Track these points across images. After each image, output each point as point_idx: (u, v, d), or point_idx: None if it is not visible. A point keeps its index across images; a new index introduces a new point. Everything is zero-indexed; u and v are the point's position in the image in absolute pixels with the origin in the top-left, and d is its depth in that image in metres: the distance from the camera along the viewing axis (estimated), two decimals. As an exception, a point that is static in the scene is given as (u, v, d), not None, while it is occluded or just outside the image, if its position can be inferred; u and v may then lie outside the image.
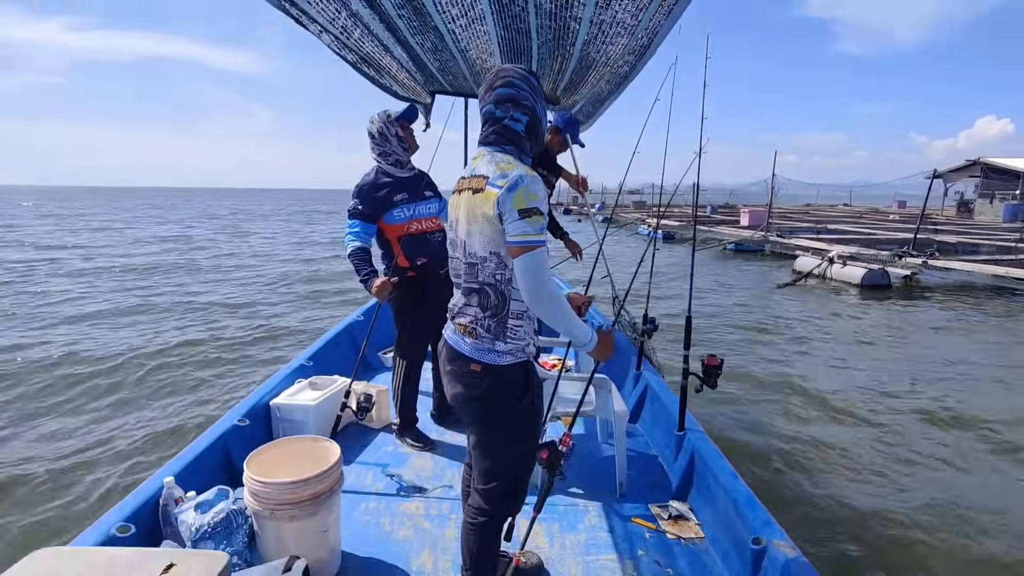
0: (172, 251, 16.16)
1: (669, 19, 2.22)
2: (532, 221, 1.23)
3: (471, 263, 1.35)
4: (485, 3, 1.98)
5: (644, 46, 2.51)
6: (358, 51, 2.54)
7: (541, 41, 2.46)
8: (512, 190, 1.24)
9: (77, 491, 3.20)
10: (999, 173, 25.21)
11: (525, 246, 1.24)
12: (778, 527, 1.68)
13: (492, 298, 1.34)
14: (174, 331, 6.83)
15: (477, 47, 2.46)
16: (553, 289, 1.30)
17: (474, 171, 1.37)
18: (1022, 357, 6.33)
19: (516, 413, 1.40)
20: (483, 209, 1.29)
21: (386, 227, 2.43)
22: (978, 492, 3.34)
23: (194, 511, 1.63)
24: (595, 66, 2.75)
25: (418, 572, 1.78)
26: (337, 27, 2.20)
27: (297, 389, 2.66)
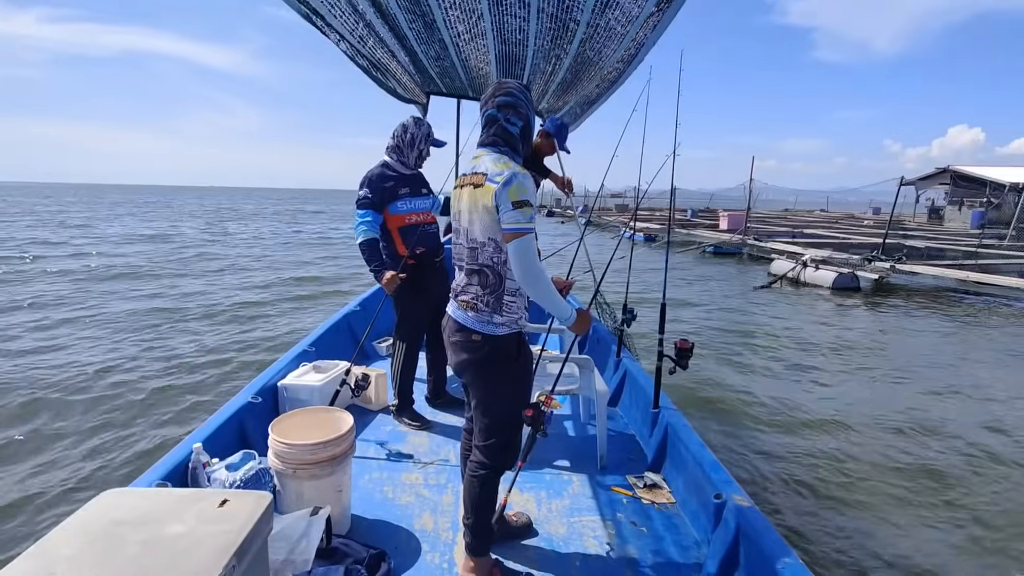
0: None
1: (655, 32, 2.50)
2: (524, 211, 1.48)
3: (472, 247, 1.60)
4: (488, 21, 2.23)
5: (632, 55, 2.79)
6: (370, 57, 2.78)
7: (536, 47, 2.71)
8: (507, 185, 1.48)
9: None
10: (967, 181, 26.38)
11: (517, 232, 1.49)
12: (737, 485, 1.96)
13: (490, 277, 1.59)
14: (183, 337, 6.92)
15: (476, 56, 2.71)
16: (540, 269, 1.55)
17: (475, 169, 1.61)
18: (967, 353, 6.84)
19: (510, 374, 1.66)
20: (484, 201, 1.53)
21: (389, 217, 2.67)
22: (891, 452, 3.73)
23: (225, 470, 1.85)
24: (588, 67, 2.98)
25: (420, 531, 2.02)
26: (356, 37, 2.44)
27: (302, 372, 2.87)
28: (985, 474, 3.73)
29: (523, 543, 1.97)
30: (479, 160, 1.62)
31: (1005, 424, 4.54)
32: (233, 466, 1.88)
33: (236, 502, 1.35)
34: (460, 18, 2.20)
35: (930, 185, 29.04)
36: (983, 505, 3.33)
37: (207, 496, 1.36)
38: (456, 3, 2.10)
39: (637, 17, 2.14)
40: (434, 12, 2.19)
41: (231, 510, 1.33)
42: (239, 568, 1.22)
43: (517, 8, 2.13)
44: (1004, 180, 24.11)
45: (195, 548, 1.20)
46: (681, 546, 1.99)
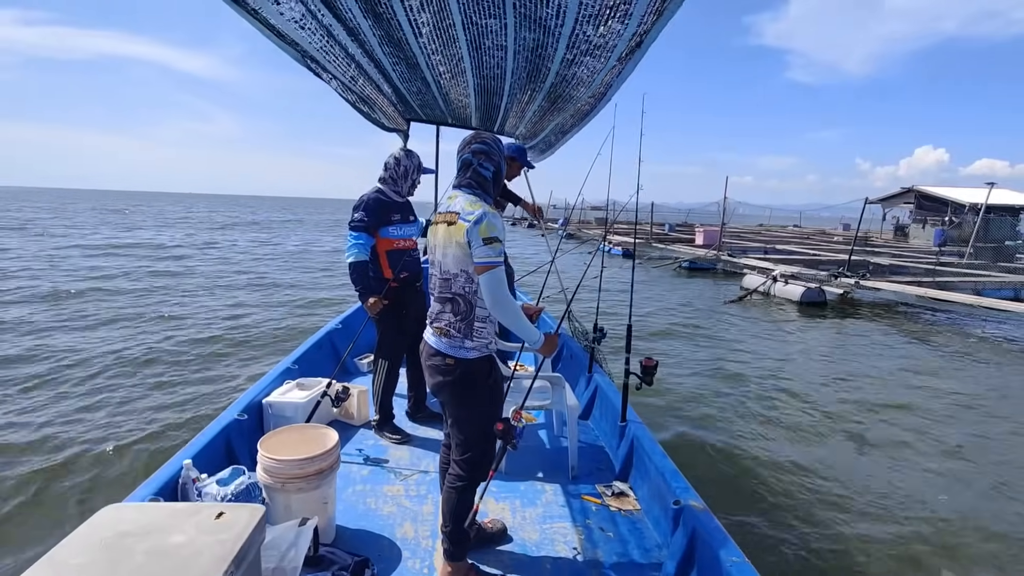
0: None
1: (620, 77, 2.75)
2: (493, 247, 1.67)
3: (445, 278, 1.79)
4: (467, 62, 2.44)
5: (602, 93, 3.03)
6: (360, 93, 2.96)
7: (513, 80, 2.93)
8: (478, 223, 1.67)
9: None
10: (930, 200, 27.75)
11: (488, 265, 1.68)
12: (694, 492, 2.16)
13: (461, 305, 1.77)
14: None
15: (457, 91, 2.92)
16: (508, 297, 1.72)
17: (448, 208, 1.80)
18: (916, 366, 7.29)
19: (482, 394, 1.84)
20: (456, 237, 1.71)
21: (379, 240, 2.88)
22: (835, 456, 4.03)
23: (216, 485, 1.96)
24: (561, 100, 3.21)
25: (402, 539, 2.16)
26: (347, 77, 2.62)
27: (286, 389, 2.98)
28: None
29: (498, 548, 2.13)
30: (454, 200, 1.81)
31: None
32: (223, 481, 2.00)
33: (232, 514, 1.48)
34: (441, 61, 2.40)
35: (896, 204, 30.45)
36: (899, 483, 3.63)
37: (203, 509, 1.49)
38: (437, 49, 2.30)
39: (601, 71, 2.38)
40: (417, 57, 2.38)
41: (228, 521, 1.47)
42: (236, 574, 1.36)
43: (495, 50, 2.34)
44: (964, 200, 25.45)
45: (196, 556, 1.34)
46: (644, 549, 2.18)
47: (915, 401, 5.84)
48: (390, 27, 2.26)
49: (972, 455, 4.53)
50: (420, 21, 2.20)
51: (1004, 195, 26.84)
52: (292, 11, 2.18)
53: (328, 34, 2.38)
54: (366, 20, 2.20)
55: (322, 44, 2.46)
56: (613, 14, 1.86)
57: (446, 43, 2.38)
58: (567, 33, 2.05)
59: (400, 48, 2.45)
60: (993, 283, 12.70)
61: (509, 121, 3.75)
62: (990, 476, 4.15)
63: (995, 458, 4.49)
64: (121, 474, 3.68)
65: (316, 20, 2.26)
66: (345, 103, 3.23)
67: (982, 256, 19.16)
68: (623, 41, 2.09)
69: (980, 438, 4.87)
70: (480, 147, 1.83)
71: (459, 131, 4.34)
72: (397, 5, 2.03)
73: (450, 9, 2.07)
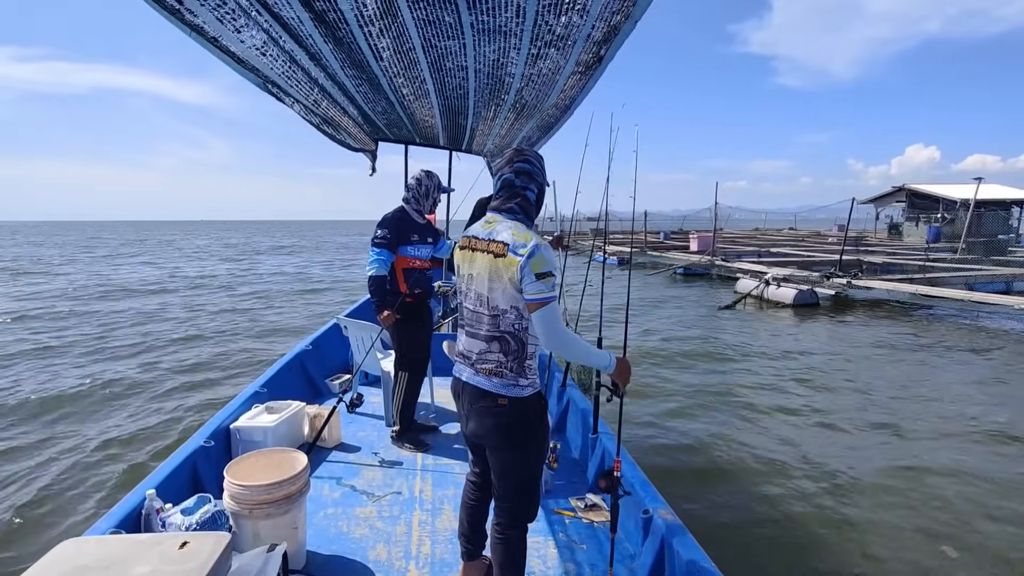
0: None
1: (583, 91, 2.89)
2: (547, 281, 1.57)
3: (494, 315, 1.65)
4: (430, 84, 2.57)
5: (566, 105, 3.18)
6: (323, 116, 3.08)
7: (477, 97, 3.06)
8: (531, 257, 1.56)
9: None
10: (922, 198, 28.38)
11: (542, 302, 1.57)
12: (663, 500, 2.26)
13: (512, 344, 1.65)
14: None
15: (422, 111, 3.05)
16: (567, 331, 1.62)
17: (491, 235, 1.66)
18: (906, 361, 7.49)
19: (538, 433, 1.75)
20: (508, 274, 1.59)
21: (398, 257, 3.07)
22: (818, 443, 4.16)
23: (181, 515, 2.02)
24: (527, 111, 3.33)
25: (375, 562, 2.22)
26: (310, 100, 2.73)
27: (255, 413, 3.04)
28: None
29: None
30: (494, 226, 1.68)
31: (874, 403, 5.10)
32: (188, 510, 2.05)
33: (196, 543, 1.55)
34: (404, 83, 2.52)
35: (888, 203, 31.09)
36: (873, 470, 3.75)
37: (167, 539, 1.56)
38: (400, 72, 2.42)
39: (565, 66, 2.49)
40: (379, 79, 2.50)
41: (192, 550, 1.53)
42: (201, 604, 1.42)
43: (456, 70, 2.46)
44: (955, 196, 26.07)
45: None
46: (617, 559, 2.26)
47: (877, 386, 6.23)
48: (351, 51, 2.38)
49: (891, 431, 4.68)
50: (380, 46, 2.32)
51: (995, 190, 27.54)
52: (253, 39, 2.29)
53: (290, 59, 2.50)
54: (327, 45, 2.32)
55: (284, 69, 2.58)
56: (572, 6, 1.96)
57: (408, 66, 2.50)
58: (529, 27, 2.11)
59: (362, 71, 2.57)
60: (984, 276, 13.03)
61: (476, 140, 3.89)
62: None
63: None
64: (82, 507, 3.69)
65: (278, 46, 2.37)
66: (309, 125, 3.34)
67: (974, 251, 19.63)
68: (582, 38, 2.20)
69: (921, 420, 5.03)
70: (523, 166, 1.72)
71: (428, 150, 4.47)
72: (357, 31, 2.15)
73: (409, 34, 2.19)
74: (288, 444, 2.98)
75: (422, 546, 2.31)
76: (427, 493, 2.74)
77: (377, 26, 2.11)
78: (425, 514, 2.55)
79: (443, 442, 3.32)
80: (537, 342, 1.70)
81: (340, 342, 4.30)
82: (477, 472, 1.99)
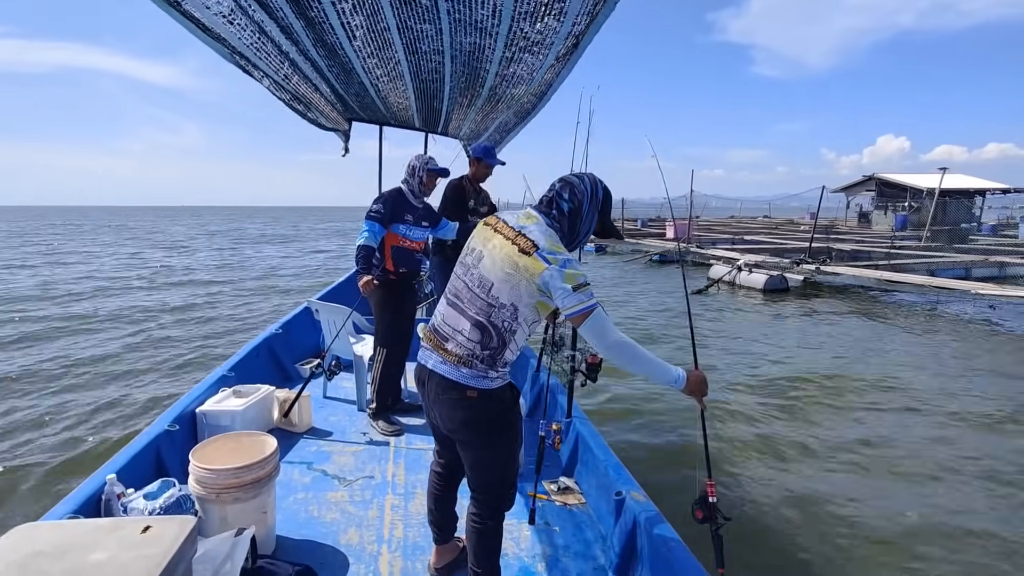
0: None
1: (560, 77, 2.86)
2: (584, 291, 1.50)
3: (490, 304, 1.58)
4: (404, 65, 2.50)
5: (543, 91, 3.15)
6: (294, 92, 2.98)
7: (452, 84, 3.02)
8: (563, 269, 1.50)
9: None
10: (891, 187, 29.26)
11: (586, 312, 1.49)
12: (635, 483, 2.31)
13: (494, 339, 1.59)
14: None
15: (396, 94, 2.98)
16: (622, 338, 1.52)
17: (523, 229, 1.59)
18: (859, 340, 7.86)
19: (510, 422, 1.71)
20: (529, 274, 1.52)
21: (389, 235, 3.12)
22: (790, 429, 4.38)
23: (143, 499, 1.98)
24: (503, 100, 3.33)
25: (346, 546, 2.22)
26: (280, 75, 2.63)
27: (222, 397, 2.99)
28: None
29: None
30: (530, 222, 1.62)
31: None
32: (151, 495, 2.01)
33: (159, 527, 1.51)
34: (378, 64, 2.45)
35: (858, 192, 31.96)
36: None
37: (128, 524, 1.52)
38: (374, 52, 2.34)
39: (540, 68, 2.48)
40: (352, 61, 2.43)
41: (154, 535, 1.49)
42: (165, 590, 1.39)
43: (432, 54, 2.40)
44: (922, 186, 26.95)
45: (120, 574, 1.36)
46: (589, 540, 2.31)
47: (841, 370, 6.62)
48: (322, 30, 2.29)
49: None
50: (354, 24, 2.24)
51: (960, 180, 28.56)
52: (220, 5, 2.18)
53: (260, 30, 2.39)
54: (299, 21, 2.23)
55: (252, 40, 2.47)
56: (548, 11, 1.96)
57: (381, 47, 2.43)
58: (504, 32, 2.13)
59: (334, 52, 2.48)
60: (945, 263, 13.57)
61: (452, 123, 3.82)
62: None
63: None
64: (37, 493, 3.59)
65: (246, 16, 2.26)
66: (279, 101, 3.23)
67: (938, 238, 20.41)
68: (560, 39, 2.20)
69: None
70: (572, 177, 1.69)
71: (404, 132, 4.38)
72: (329, 8, 2.07)
73: (384, 13, 2.12)
74: (257, 428, 2.93)
75: (395, 529, 2.32)
76: (400, 477, 2.74)
77: (350, 2, 2.03)
78: (398, 498, 2.55)
79: (417, 427, 3.31)
80: (517, 350, 1.66)
81: (311, 326, 4.23)
82: (442, 463, 1.96)
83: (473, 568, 1.80)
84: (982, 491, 3.79)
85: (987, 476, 3.97)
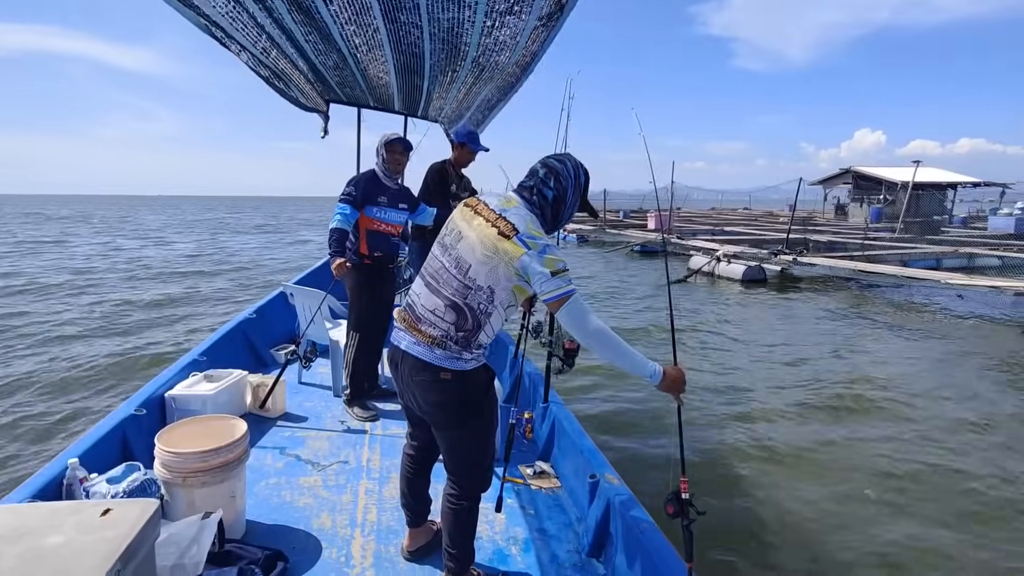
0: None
1: (544, 45, 2.79)
2: (563, 276, 1.49)
3: (466, 285, 1.56)
4: (384, 34, 2.43)
5: (527, 62, 3.07)
6: (273, 67, 2.88)
7: (433, 61, 2.95)
8: (542, 254, 1.50)
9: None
10: (867, 180, 29.78)
11: (564, 296, 1.48)
12: (609, 466, 2.32)
13: (469, 321, 1.57)
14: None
15: (375, 67, 2.90)
16: (601, 325, 1.51)
17: (504, 212, 1.57)
18: (833, 330, 8.04)
19: (485, 404, 1.70)
20: (508, 256, 1.51)
21: (362, 217, 3.04)
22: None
23: (106, 483, 1.92)
24: (485, 74, 3.23)
25: (319, 530, 2.19)
26: (259, 49, 2.53)
27: (193, 381, 2.92)
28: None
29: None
30: (511, 206, 1.60)
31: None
32: (115, 479, 1.95)
33: (120, 511, 1.46)
34: (356, 31, 2.37)
35: (835, 184, 32.48)
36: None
37: (87, 507, 1.47)
38: (351, 18, 2.27)
39: (524, 30, 2.41)
40: (330, 27, 2.35)
41: (114, 518, 1.45)
42: (124, 573, 1.36)
43: (411, 26, 2.34)
44: (897, 179, 27.48)
45: (78, 557, 1.30)
46: (563, 523, 2.32)
47: (811, 355, 6.94)
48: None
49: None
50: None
51: (933, 173, 29.19)
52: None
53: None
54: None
55: (228, 10, 2.37)
56: None
57: (360, 11, 2.35)
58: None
59: (311, 16, 2.40)
60: (917, 254, 13.93)
61: (433, 104, 3.74)
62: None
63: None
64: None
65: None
66: (260, 80, 3.13)
67: (911, 230, 20.89)
68: None
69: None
70: (554, 163, 1.65)
71: (384, 116, 4.28)
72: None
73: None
74: (228, 413, 2.87)
75: (368, 514, 2.30)
76: (375, 462, 2.72)
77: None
78: (372, 482, 2.53)
79: (393, 412, 3.28)
80: (492, 334, 1.64)
81: (286, 311, 4.16)
82: (415, 445, 1.95)
83: (448, 550, 1.79)
84: (956, 492, 3.77)
85: (957, 471, 4.00)
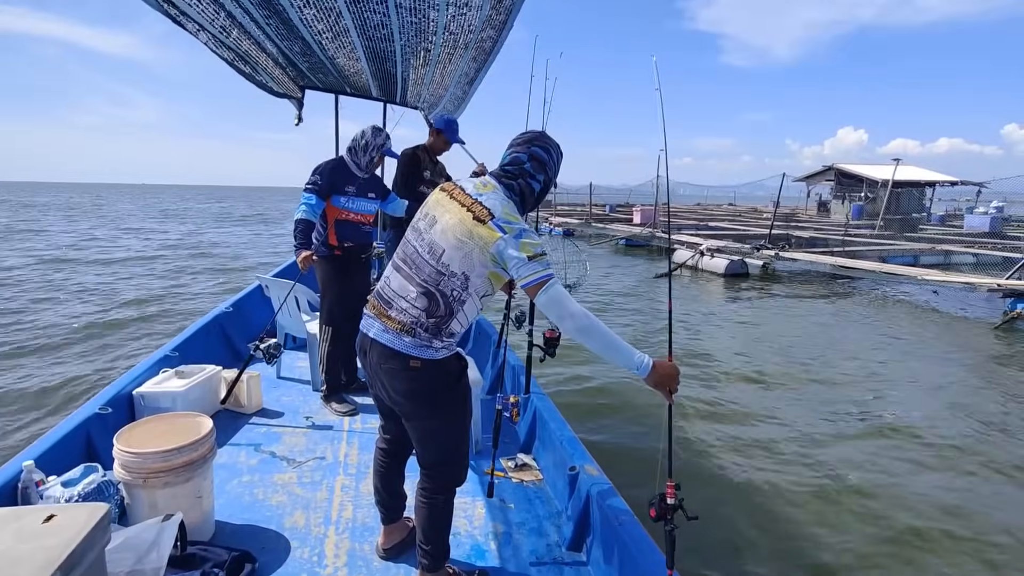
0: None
1: (515, 5, 2.61)
2: (540, 260, 1.43)
3: (440, 271, 1.50)
4: (348, 19, 2.32)
5: (502, 21, 2.90)
6: (236, 49, 2.73)
7: (403, 42, 2.81)
8: (518, 238, 1.44)
9: None
10: (849, 177, 30.14)
11: (542, 281, 1.41)
12: (590, 457, 2.25)
13: (441, 308, 1.50)
14: None
15: (344, 54, 2.77)
16: (579, 309, 1.42)
17: (480, 197, 1.51)
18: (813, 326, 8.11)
19: (457, 394, 1.64)
20: (483, 241, 1.45)
21: (329, 207, 2.91)
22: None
23: (61, 486, 1.81)
24: (460, 43, 3.03)
25: (291, 528, 2.09)
26: (216, 27, 2.39)
27: (163, 378, 2.79)
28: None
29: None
30: (487, 191, 1.54)
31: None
32: (71, 482, 1.84)
33: (64, 516, 1.35)
34: (317, 16, 2.25)
35: (818, 181, 32.84)
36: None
37: (28, 513, 1.36)
38: (310, 2, 2.15)
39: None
40: (288, 11, 2.23)
41: (58, 524, 1.34)
42: (66, 583, 1.25)
43: (375, 4, 2.22)
44: (877, 177, 27.83)
45: (13, 567, 1.19)
46: (544, 516, 2.25)
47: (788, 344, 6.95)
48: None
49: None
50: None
51: (912, 171, 29.62)
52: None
53: None
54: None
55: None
56: None
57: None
58: None
59: (268, 2, 2.26)
60: (896, 251, 14.13)
61: (411, 89, 3.62)
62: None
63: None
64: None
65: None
66: (223, 63, 2.99)
67: (891, 227, 21.16)
68: None
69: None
70: (541, 153, 1.61)
71: (363, 107, 4.13)
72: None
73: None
74: (200, 410, 2.75)
75: (343, 511, 2.21)
76: (352, 458, 2.63)
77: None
78: (349, 479, 2.44)
79: (372, 405, 3.17)
80: (466, 322, 1.57)
81: (263, 304, 4.03)
82: (387, 438, 1.87)
83: (421, 545, 1.72)
84: (946, 488, 3.73)
85: (949, 468, 3.97)
